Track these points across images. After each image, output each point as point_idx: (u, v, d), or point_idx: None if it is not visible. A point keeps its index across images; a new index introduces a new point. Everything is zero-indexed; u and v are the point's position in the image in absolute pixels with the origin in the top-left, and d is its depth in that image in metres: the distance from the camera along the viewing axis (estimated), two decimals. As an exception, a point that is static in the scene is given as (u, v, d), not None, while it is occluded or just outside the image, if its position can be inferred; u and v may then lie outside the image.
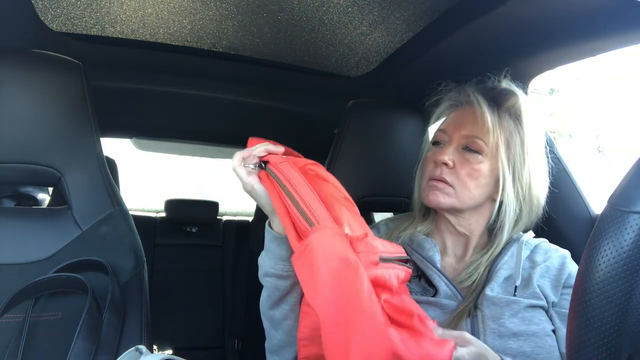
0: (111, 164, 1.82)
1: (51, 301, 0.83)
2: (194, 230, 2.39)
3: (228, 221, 2.50)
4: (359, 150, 1.16)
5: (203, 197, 2.93)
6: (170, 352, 2.03)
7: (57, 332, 0.80)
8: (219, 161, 2.73)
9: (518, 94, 0.87)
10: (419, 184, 0.92)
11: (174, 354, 0.74)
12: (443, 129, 0.89)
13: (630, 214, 0.39)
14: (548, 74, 1.08)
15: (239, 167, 0.73)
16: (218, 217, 2.48)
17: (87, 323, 0.75)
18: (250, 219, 2.53)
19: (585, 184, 1.13)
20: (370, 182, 1.16)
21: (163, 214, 2.39)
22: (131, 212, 0.99)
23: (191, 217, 2.39)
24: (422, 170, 0.92)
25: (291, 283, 0.75)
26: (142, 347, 0.69)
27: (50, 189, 1.65)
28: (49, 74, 0.91)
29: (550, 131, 1.16)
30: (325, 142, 1.43)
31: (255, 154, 0.74)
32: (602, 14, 0.81)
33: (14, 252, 0.86)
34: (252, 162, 0.74)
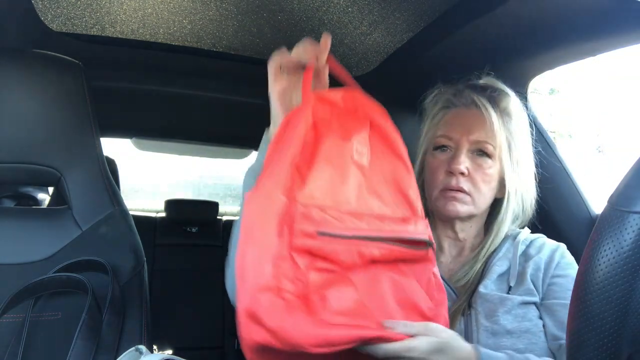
0: (111, 164, 1.82)
1: (51, 301, 0.82)
2: (194, 230, 2.39)
3: (228, 221, 2.51)
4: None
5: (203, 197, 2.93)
6: (170, 352, 2.03)
7: (57, 332, 0.80)
8: (219, 161, 2.72)
9: (509, 92, 0.88)
10: (430, 193, 0.87)
11: (174, 354, 0.74)
12: (446, 134, 0.86)
13: (630, 214, 0.39)
14: (548, 74, 1.08)
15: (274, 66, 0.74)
16: (218, 217, 2.48)
17: (87, 323, 0.75)
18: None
19: (585, 184, 1.13)
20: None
21: (163, 214, 2.40)
22: (131, 212, 0.99)
23: (191, 217, 2.39)
24: (428, 177, 0.89)
25: None
26: (142, 347, 0.69)
27: (50, 189, 1.65)
28: (49, 74, 0.91)
29: (550, 131, 1.16)
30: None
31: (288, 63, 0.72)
32: (602, 14, 0.81)
33: (14, 252, 0.86)
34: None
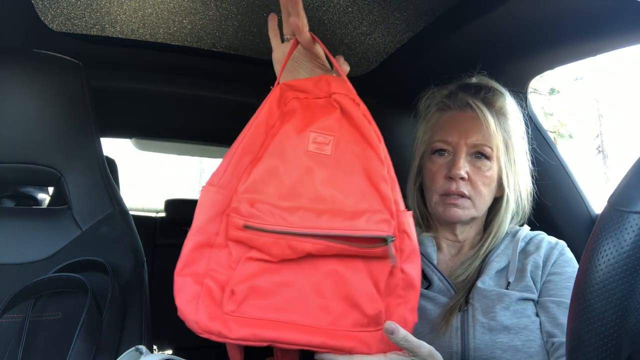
0: (111, 164, 1.82)
1: (51, 301, 0.82)
2: (194, 230, 2.38)
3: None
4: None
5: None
6: (170, 352, 2.03)
7: (57, 332, 0.80)
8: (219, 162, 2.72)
9: (503, 91, 0.88)
10: (430, 197, 0.87)
11: (174, 354, 0.74)
12: (444, 139, 0.85)
13: (630, 214, 0.39)
14: (548, 74, 1.08)
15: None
16: (218, 217, 2.47)
17: (87, 323, 0.75)
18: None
19: (585, 184, 1.14)
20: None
21: (163, 214, 2.40)
22: (131, 212, 0.99)
23: (191, 217, 2.38)
24: (427, 182, 0.88)
25: None
26: (142, 347, 0.69)
27: (51, 189, 1.65)
28: (49, 74, 0.91)
29: (550, 131, 1.17)
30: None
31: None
32: (602, 14, 0.81)
33: (14, 252, 0.86)
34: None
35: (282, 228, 0.61)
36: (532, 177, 0.90)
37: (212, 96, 1.47)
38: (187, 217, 0.67)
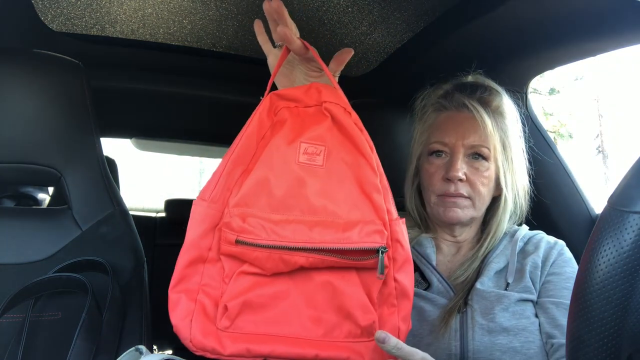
0: (111, 164, 1.82)
1: (51, 301, 0.82)
2: (194, 230, 2.38)
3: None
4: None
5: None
6: (170, 352, 2.03)
7: (57, 332, 0.80)
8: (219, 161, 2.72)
9: (499, 90, 0.88)
10: (428, 198, 0.87)
11: (174, 354, 0.74)
12: (441, 140, 0.85)
13: (630, 214, 0.39)
14: (548, 74, 1.08)
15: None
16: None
17: (87, 323, 0.75)
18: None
19: (585, 184, 1.14)
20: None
21: (163, 214, 2.40)
22: (131, 212, 0.99)
23: None
24: (424, 183, 0.88)
25: None
26: (142, 347, 0.69)
27: (51, 189, 1.65)
28: (49, 74, 0.91)
29: (550, 131, 1.17)
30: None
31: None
32: (602, 14, 0.81)
33: (14, 252, 0.86)
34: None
35: (274, 242, 0.61)
36: (530, 176, 0.90)
37: (212, 96, 1.47)
38: (187, 217, 0.67)
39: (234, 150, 0.66)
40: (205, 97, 1.47)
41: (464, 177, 0.82)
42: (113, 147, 2.15)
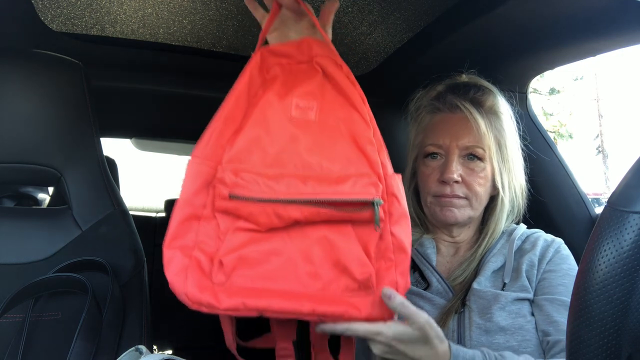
0: (111, 164, 1.82)
1: (51, 301, 0.82)
2: (194, 230, 2.38)
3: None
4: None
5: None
6: (170, 352, 2.03)
7: (57, 332, 0.80)
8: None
9: (492, 89, 0.88)
10: (425, 198, 0.88)
11: (174, 354, 0.74)
12: (435, 142, 0.85)
13: (630, 214, 0.39)
14: (548, 74, 1.08)
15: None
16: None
17: (87, 323, 0.75)
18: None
19: (585, 184, 1.14)
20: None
21: (163, 214, 2.39)
22: (131, 212, 0.99)
23: None
24: (421, 185, 0.88)
25: None
26: (142, 347, 0.69)
27: (51, 189, 1.65)
28: (49, 74, 0.91)
29: (550, 131, 1.17)
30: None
31: None
32: (602, 14, 0.81)
33: (14, 252, 0.86)
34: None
35: (267, 196, 0.61)
36: (526, 175, 0.90)
37: (212, 96, 1.47)
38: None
39: (225, 109, 0.66)
40: (205, 97, 1.47)
41: (459, 178, 0.82)
42: (113, 147, 2.15)
